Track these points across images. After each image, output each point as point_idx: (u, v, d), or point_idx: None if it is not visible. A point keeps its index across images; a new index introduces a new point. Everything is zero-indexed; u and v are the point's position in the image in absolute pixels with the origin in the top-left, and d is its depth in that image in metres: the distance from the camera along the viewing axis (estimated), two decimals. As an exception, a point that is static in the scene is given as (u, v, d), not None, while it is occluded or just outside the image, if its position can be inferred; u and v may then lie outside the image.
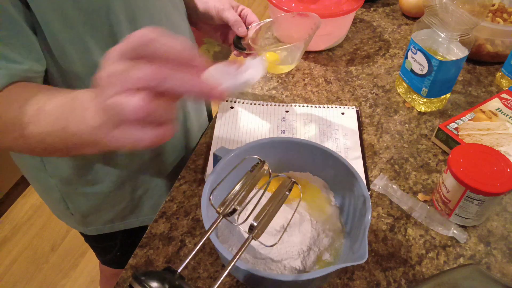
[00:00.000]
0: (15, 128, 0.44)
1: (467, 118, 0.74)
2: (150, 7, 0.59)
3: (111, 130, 0.33)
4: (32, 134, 0.43)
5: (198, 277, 0.55)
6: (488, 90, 0.86)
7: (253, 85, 0.86)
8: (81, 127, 0.37)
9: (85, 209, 0.73)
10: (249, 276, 0.47)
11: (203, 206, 0.49)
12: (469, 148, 0.61)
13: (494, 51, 0.89)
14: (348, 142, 0.73)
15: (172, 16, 0.65)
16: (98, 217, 0.75)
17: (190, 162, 0.70)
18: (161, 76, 0.31)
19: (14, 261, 1.55)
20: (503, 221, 0.62)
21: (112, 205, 0.73)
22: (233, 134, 0.74)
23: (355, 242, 0.51)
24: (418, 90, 0.78)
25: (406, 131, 0.76)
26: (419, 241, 0.59)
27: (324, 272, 0.44)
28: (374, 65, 0.92)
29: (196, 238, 0.59)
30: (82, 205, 0.73)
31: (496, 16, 0.92)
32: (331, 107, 0.80)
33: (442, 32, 0.73)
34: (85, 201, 0.72)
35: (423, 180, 0.68)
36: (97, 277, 1.50)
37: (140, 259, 0.57)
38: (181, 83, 0.31)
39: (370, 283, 0.55)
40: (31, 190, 1.79)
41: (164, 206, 0.63)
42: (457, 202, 0.58)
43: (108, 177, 0.68)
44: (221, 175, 0.51)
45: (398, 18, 1.08)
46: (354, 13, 0.92)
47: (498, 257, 0.58)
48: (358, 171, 0.55)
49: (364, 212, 0.50)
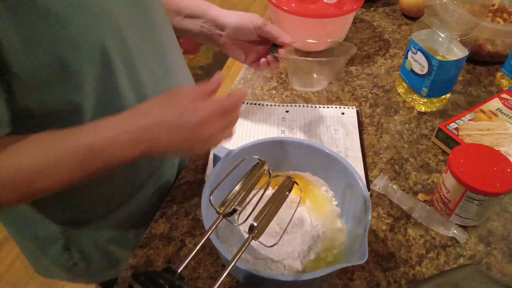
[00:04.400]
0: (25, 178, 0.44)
1: (467, 118, 0.74)
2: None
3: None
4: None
5: (198, 277, 0.55)
6: (488, 90, 0.86)
7: (253, 85, 0.86)
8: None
9: (89, 251, 0.68)
10: (249, 276, 0.47)
11: (203, 206, 0.49)
12: (469, 148, 0.61)
13: (494, 51, 0.90)
14: (348, 142, 0.73)
15: (165, 43, 0.63)
16: (103, 258, 0.70)
17: (190, 162, 0.70)
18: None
19: (14, 261, 1.55)
20: (503, 221, 0.62)
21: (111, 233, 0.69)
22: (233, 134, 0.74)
23: (355, 242, 0.51)
24: (418, 90, 0.78)
25: (406, 131, 0.76)
26: (419, 241, 0.59)
27: (324, 272, 0.44)
28: (374, 65, 0.92)
29: (196, 238, 0.59)
30: (87, 244, 0.67)
31: (496, 16, 0.92)
32: (331, 107, 0.80)
33: (442, 32, 0.73)
34: (89, 242, 0.67)
35: (423, 180, 0.68)
36: (97, 277, 1.50)
37: (140, 259, 0.57)
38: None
39: (370, 283, 0.55)
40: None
41: (164, 206, 0.63)
42: (457, 202, 0.58)
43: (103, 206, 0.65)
44: (221, 175, 0.51)
45: (398, 18, 1.08)
46: (354, 13, 0.92)
47: (498, 257, 0.58)
48: (358, 171, 0.55)
49: (364, 212, 0.50)
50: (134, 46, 0.54)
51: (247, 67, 0.91)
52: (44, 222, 0.63)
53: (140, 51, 0.55)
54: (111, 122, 0.47)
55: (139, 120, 0.47)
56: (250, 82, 0.86)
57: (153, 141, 0.47)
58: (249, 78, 0.88)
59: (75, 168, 0.46)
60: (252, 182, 0.46)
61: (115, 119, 0.47)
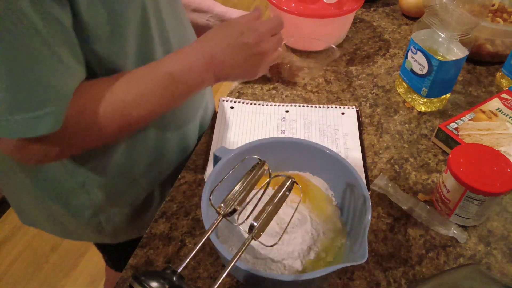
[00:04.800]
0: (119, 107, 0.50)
1: (467, 118, 0.74)
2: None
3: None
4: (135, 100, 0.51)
5: (198, 277, 0.55)
6: (488, 90, 0.86)
7: (253, 85, 0.86)
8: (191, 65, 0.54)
9: (118, 220, 0.72)
10: (249, 276, 0.47)
11: (203, 206, 0.49)
12: (469, 148, 0.61)
13: (494, 51, 0.90)
14: (348, 142, 0.73)
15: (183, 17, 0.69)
16: (128, 225, 0.74)
17: (190, 162, 0.70)
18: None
19: (14, 261, 1.55)
20: (503, 221, 0.62)
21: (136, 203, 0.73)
22: (233, 134, 0.74)
23: (355, 242, 0.51)
24: (418, 90, 0.78)
25: (406, 131, 0.76)
26: (419, 241, 0.59)
27: (324, 272, 0.44)
28: (374, 65, 0.92)
29: (196, 238, 0.59)
30: (116, 214, 0.71)
31: (496, 16, 0.92)
32: (331, 107, 0.80)
33: (442, 32, 0.73)
34: (116, 208, 0.71)
35: (423, 180, 0.68)
36: (97, 277, 1.50)
37: (140, 259, 0.57)
38: None
39: (370, 283, 0.55)
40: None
41: (164, 206, 0.63)
42: (457, 202, 0.59)
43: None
44: (221, 175, 0.51)
45: (398, 18, 1.08)
46: (354, 13, 0.92)
47: (498, 257, 0.58)
48: (358, 171, 0.55)
49: (364, 212, 0.50)
50: (165, 15, 0.58)
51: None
52: (78, 192, 0.66)
53: (168, 21, 0.60)
54: (185, 52, 0.55)
55: (207, 47, 0.55)
56: (250, 82, 0.86)
57: (220, 65, 0.55)
58: (249, 78, 0.88)
59: (160, 95, 0.53)
60: (252, 182, 0.46)
61: (187, 49, 0.55)
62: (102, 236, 0.75)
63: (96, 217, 0.70)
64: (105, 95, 0.49)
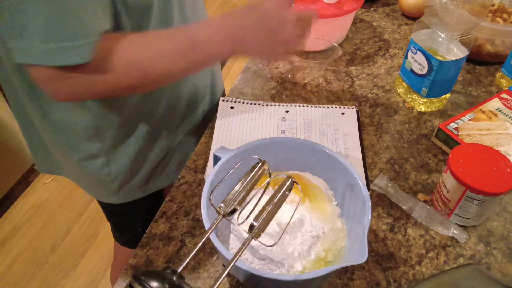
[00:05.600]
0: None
1: (467, 118, 0.74)
2: None
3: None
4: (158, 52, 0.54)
5: (198, 277, 0.55)
6: (488, 90, 0.86)
7: (253, 85, 0.86)
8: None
9: (126, 168, 0.75)
10: (249, 276, 0.47)
11: (203, 206, 0.49)
12: (469, 148, 0.61)
13: (494, 51, 0.90)
14: (348, 142, 0.73)
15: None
16: (135, 179, 0.77)
17: (190, 162, 0.70)
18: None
19: (14, 261, 1.55)
20: (503, 221, 0.62)
21: (146, 160, 0.76)
22: (233, 134, 0.74)
23: (355, 242, 0.51)
24: (418, 90, 0.78)
25: (406, 131, 0.76)
26: (419, 241, 0.59)
27: (324, 272, 0.44)
28: (374, 65, 0.92)
29: (196, 238, 0.59)
30: (124, 164, 0.74)
31: (496, 16, 0.92)
32: (331, 107, 0.80)
33: (442, 32, 0.73)
34: (127, 159, 0.74)
35: (423, 180, 0.68)
36: (97, 277, 1.50)
37: (140, 259, 0.57)
38: None
39: (370, 283, 0.55)
40: (31, 190, 1.79)
41: (164, 206, 0.63)
42: (457, 202, 0.59)
43: (145, 128, 0.72)
44: (221, 175, 0.51)
45: (398, 18, 1.08)
46: (354, 13, 0.92)
47: (498, 257, 0.58)
48: (358, 171, 0.55)
49: (364, 212, 0.50)
50: None
51: (247, 67, 0.91)
52: (91, 136, 0.69)
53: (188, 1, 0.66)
54: (209, 23, 0.58)
55: (230, 22, 0.57)
56: (250, 82, 0.86)
57: (240, 39, 0.57)
58: (249, 78, 0.88)
59: (178, 57, 0.55)
60: (252, 182, 0.46)
61: (211, 21, 0.58)
62: (110, 190, 0.77)
63: (106, 167, 0.73)
64: (128, 46, 0.53)
